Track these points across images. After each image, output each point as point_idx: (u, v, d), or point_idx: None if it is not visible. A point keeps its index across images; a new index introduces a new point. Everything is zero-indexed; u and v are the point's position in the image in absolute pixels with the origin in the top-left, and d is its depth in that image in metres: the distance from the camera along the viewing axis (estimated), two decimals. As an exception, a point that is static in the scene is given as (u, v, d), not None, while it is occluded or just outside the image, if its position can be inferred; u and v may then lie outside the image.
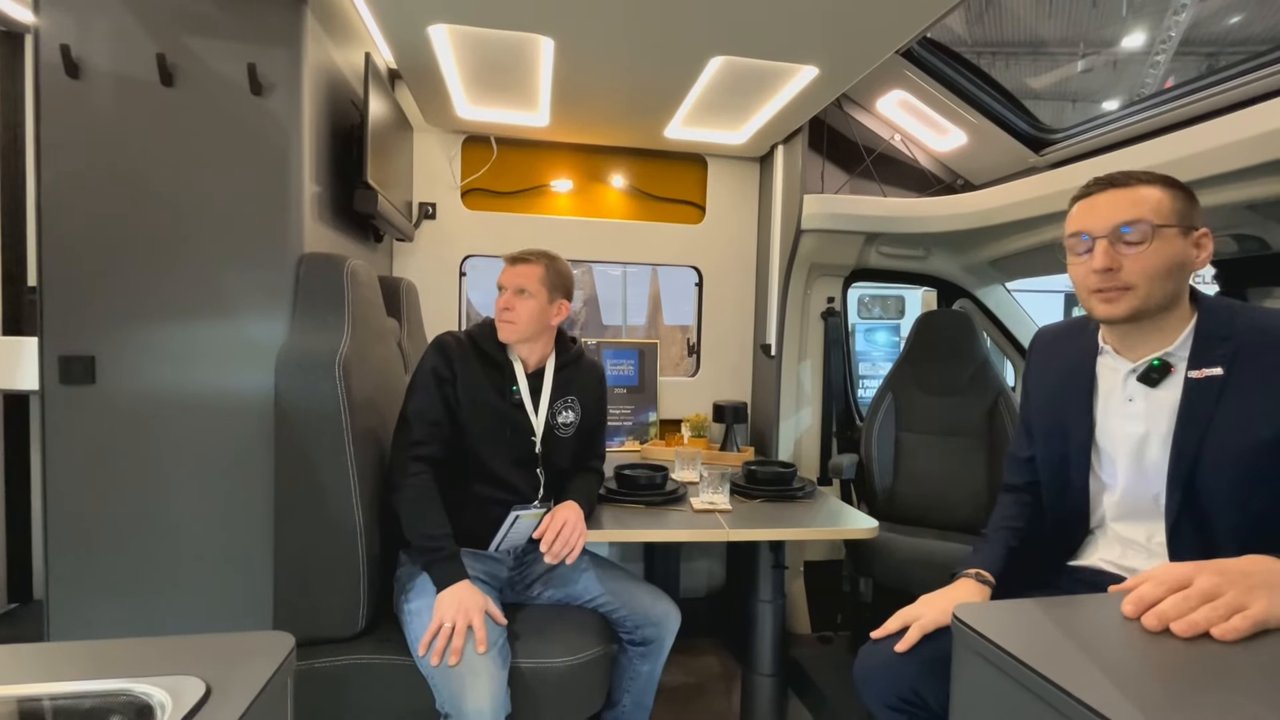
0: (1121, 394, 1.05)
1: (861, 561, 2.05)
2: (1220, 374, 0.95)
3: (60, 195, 1.33)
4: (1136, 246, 0.96)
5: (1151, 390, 1.01)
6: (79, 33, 1.32)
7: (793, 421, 2.44)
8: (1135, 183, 0.98)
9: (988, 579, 1.08)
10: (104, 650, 0.64)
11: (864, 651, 1.09)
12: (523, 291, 1.44)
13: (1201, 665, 0.58)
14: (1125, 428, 1.04)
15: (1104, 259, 0.97)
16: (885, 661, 1.04)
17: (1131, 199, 0.97)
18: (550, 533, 1.37)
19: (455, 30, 1.54)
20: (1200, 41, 8.20)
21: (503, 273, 1.48)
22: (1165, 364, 1.00)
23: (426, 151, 2.30)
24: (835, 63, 1.63)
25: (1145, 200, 0.96)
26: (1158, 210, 0.95)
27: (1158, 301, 0.98)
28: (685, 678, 2.18)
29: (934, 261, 2.48)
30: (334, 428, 1.29)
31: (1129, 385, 1.04)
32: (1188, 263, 0.97)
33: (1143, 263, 0.95)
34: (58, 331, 1.34)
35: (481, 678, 1.18)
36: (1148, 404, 1.02)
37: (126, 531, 1.38)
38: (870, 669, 1.06)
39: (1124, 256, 0.96)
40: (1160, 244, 0.95)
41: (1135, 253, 0.96)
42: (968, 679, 0.67)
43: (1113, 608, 0.68)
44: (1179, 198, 0.97)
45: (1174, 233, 0.95)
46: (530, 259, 1.47)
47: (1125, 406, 1.05)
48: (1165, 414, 1.00)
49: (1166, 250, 0.95)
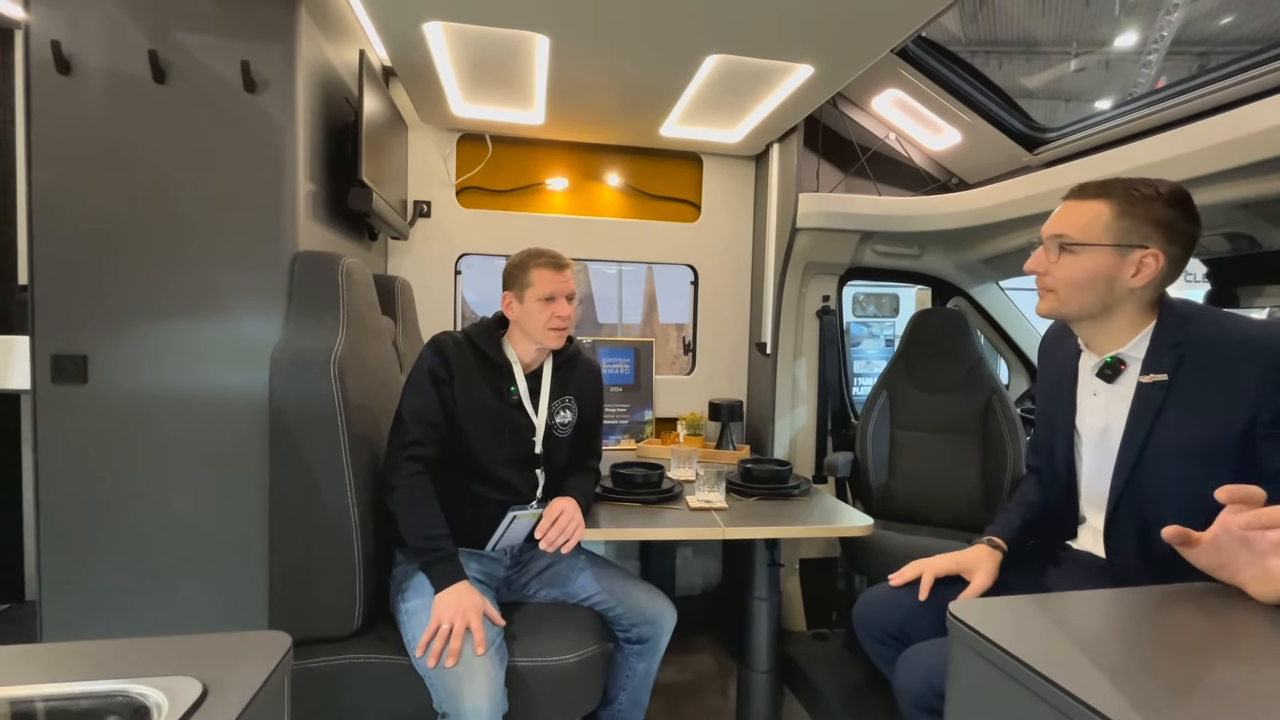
0: (1089, 387, 1.13)
1: (857, 559, 2.05)
2: (1165, 379, 1.01)
3: (51, 193, 1.32)
4: (1062, 256, 1.06)
5: (1109, 385, 1.09)
6: (70, 28, 1.31)
7: (788, 419, 2.44)
8: (1091, 195, 1.06)
9: (999, 545, 1.18)
10: (99, 651, 0.64)
11: (864, 595, 1.27)
12: (571, 297, 1.44)
13: (1198, 661, 0.59)
14: (1091, 419, 1.13)
15: (1031, 262, 1.10)
16: (878, 602, 1.22)
17: (1073, 212, 1.06)
18: (546, 521, 1.37)
19: (450, 27, 1.53)
20: (1192, 41, 8.25)
21: (548, 279, 1.42)
22: (1117, 361, 1.07)
23: (421, 149, 2.29)
24: (830, 62, 1.63)
25: (1082, 215, 1.04)
26: (1087, 228, 1.03)
27: (1078, 307, 1.06)
28: (681, 675, 2.19)
29: (928, 260, 2.49)
30: (329, 426, 1.29)
31: (1092, 380, 1.12)
32: (1116, 278, 1.03)
33: (1063, 272, 1.06)
34: (50, 330, 1.33)
35: (479, 676, 1.18)
36: (1107, 398, 1.10)
37: (120, 531, 1.37)
38: (866, 607, 1.24)
39: (1052, 263, 1.07)
40: (1079, 258, 1.04)
41: (1060, 261, 1.06)
42: (964, 676, 0.67)
43: (1108, 604, 0.69)
44: (1125, 216, 1.01)
45: (1099, 250, 1.02)
46: (570, 263, 1.47)
47: (1090, 400, 1.13)
48: (1117, 411, 1.08)
49: (1088, 264, 1.03)
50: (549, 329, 1.43)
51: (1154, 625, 0.67)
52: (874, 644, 1.22)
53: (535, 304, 1.42)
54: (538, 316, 1.42)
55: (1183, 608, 0.71)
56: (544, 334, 1.43)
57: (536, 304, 1.42)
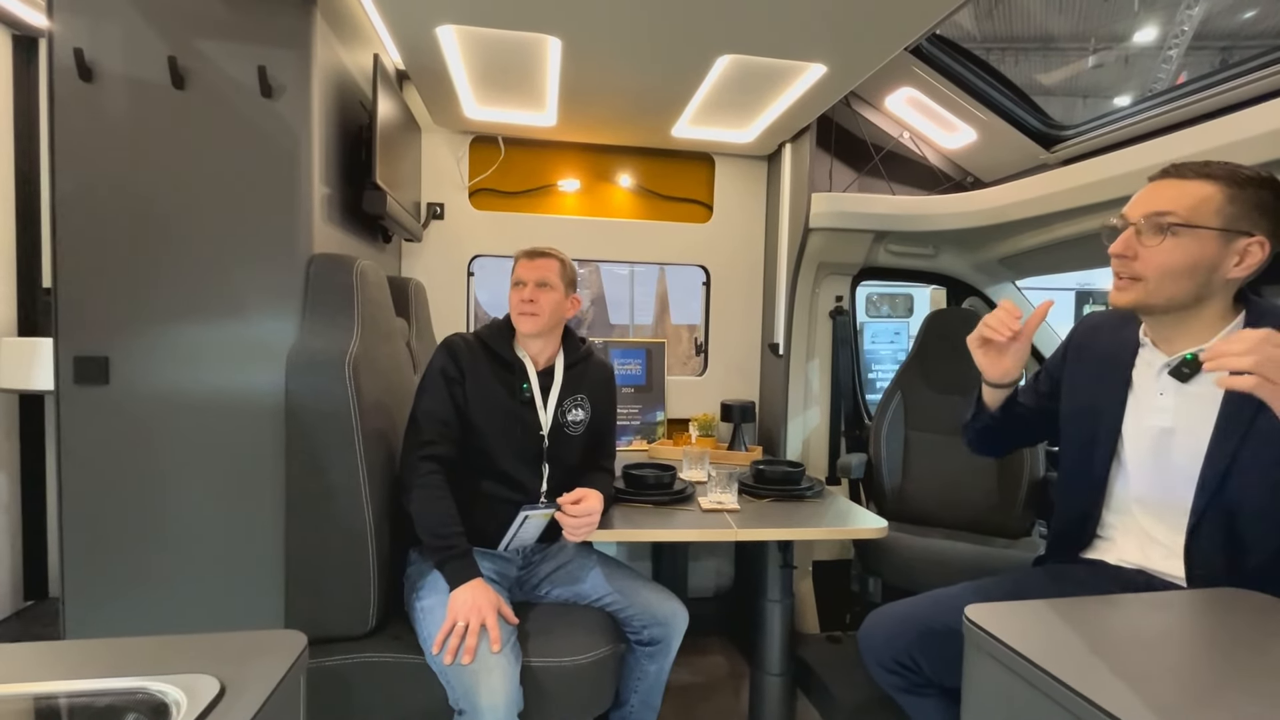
0: (1154, 387, 1.04)
1: (870, 561, 2.04)
2: None
3: (73, 197, 1.34)
4: (1156, 239, 0.94)
5: (1183, 386, 0.99)
6: (92, 36, 1.33)
7: (801, 420, 2.43)
8: (1194, 175, 0.95)
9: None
10: (120, 648, 0.65)
11: (869, 617, 1.17)
12: (544, 284, 1.47)
13: (1215, 667, 0.58)
14: (1151, 421, 1.04)
15: (1119, 244, 0.97)
16: (886, 627, 1.13)
17: (1176, 192, 0.95)
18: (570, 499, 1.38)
19: (463, 31, 1.54)
20: (1214, 36, 8.10)
21: (520, 267, 1.50)
22: (1197, 360, 0.97)
23: (434, 152, 2.31)
24: (843, 60, 1.62)
25: (1188, 195, 0.94)
26: (1195, 209, 0.93)
27: (1169, 298, 0.96)
28: (693, 677, 2.18)
29: (943, 260, 2.46)
30: (344, 427, 1.30)
31: (1161, 379, 1.03)
32: (1216, 267, 0.94)
33: (1161, 257, 0.94)
34: (72, 332, 1.35)
35: (495, 673, 1.19)
36: (1177, 399, 1.00)
37: (140, 530, 1.39)
38: (873, 632, 1.14)
39: (1143, 247, 0.95)
40: (1183, 242, 0.93)
41: (1153, 246, 0.95)
42: (979, 680, 0.67)
43: (1129, 609, 0.67)
44: (1236, 200, 0.93)
45: (1207, 234, 0.92)
46: (549, 253, 1.52)
47: (1155, 400, 1.03)
48: (1194, 413, 0.98)
49: (1189, 250, 0.93)
50: (518, 313, 1.48)
51: (1178, 630, 0.65)
52: (884, 674, 1.13)
53: (511, 291, 1.50)
54: (511, 301, 1.49)
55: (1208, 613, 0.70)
56: (516, 318, 1.49)
57: (512, 291, 1.49)
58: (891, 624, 1.13)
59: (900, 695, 1.13)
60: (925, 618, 1.08)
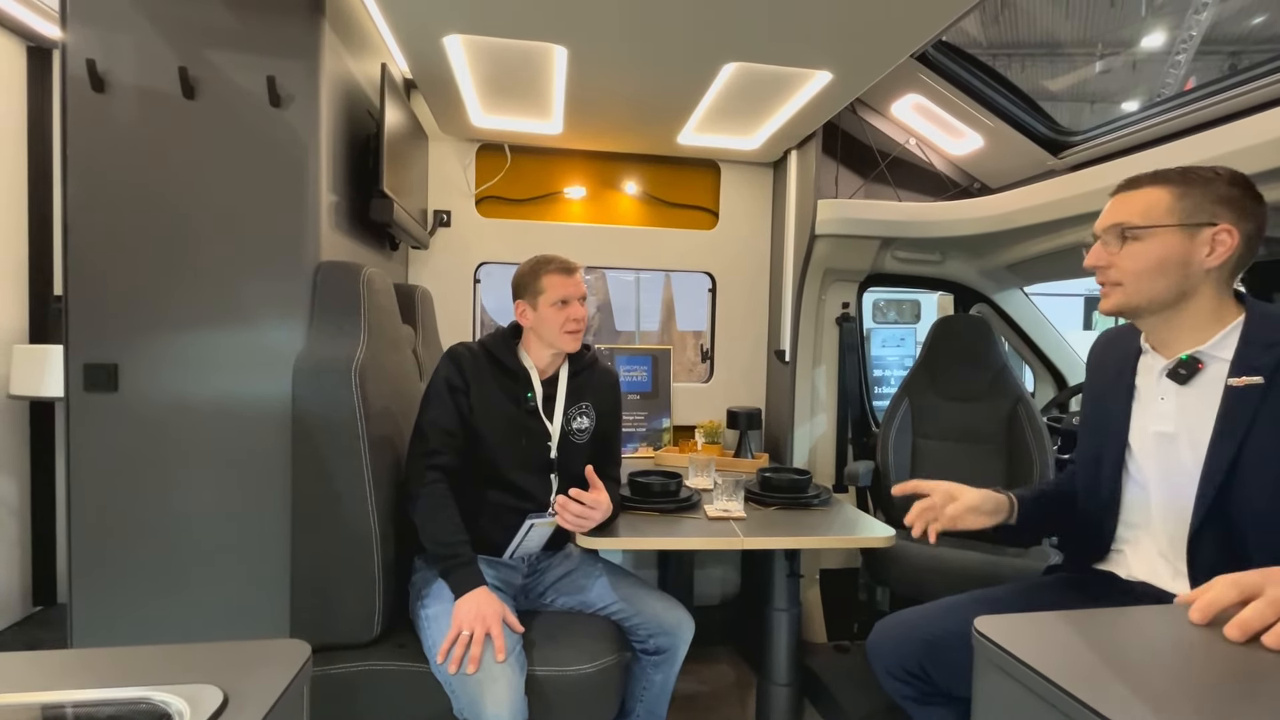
0: (1156, 392, 1.05)
1: (878, 570, 2.02)
2: (1261, 383, 0.92)
3: (85, 206, 1.36)
4: (1125, 245, 1.00)
5: (1182, 389, 1.00)
6: (104, 47, 1.35)
7: (807, 428, 2.42)
8: (1143, 184, 1.01)
9: (1010, 499, 1.16)
10: (124, 658, 0.65)
11: (878, 626, 1.18)
12: (584, 299, 1.47)
13: (1232, 682, 0.56)
14: (1155, 427, 1.04)
15: (1090, 258, 1.04)
16: (895, 636, 1.13)
17: (1128, 201, 1.01)
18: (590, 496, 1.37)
19: (470, 40, 1.55)
20: (1222, 41, 8.06)
21: (560, 284, 1.45)
22: (1194, 360, 0.99)
23: (441, 160, 2.32)
24: (849, 67, 1.62)
25: (1139, 201, 0.99)
26: (1146, 212, 0.98)
27: (1150, 298, 1.00)
28: (699, 686, 2.17)
29: (950, 266, 2.45)
30: (350, 434, 1.30)
31: (1161, 383, 1.03)
32: (1188, 260, 0.96)
33: (1129, 262, 0.99)
34: (82, 340, 1.37)
35: (500, 683, 1.18)
36: (1178, 403, 1.01)
37: (147, 536, 1.40)
38: (881, 641, 1.15)
39: (1114, 255, 1.01)
40: (1148, 244, 0.98)
41: (1123, 251, 1.00)
42: (990, 694, 0.66)
43: (1139, 621, 0.66)
44: (1186, 195, 0.97)
45: (1164, 231, 0.97)
46: (578, 266, 1.50)
47: (1157, 405, 1.04)
48: (1195, 417, 0.98)
49: (1151, 249, 0.98)
50: (565, 332, 1.45)
51: (1196, 645, 0.64)
52: (893, 682, 1.13)
53: (550, 309, 1.44)
54: (553, 321, 1.44)
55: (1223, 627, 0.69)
56: (560, 337, 1.45)
57: (551, 309, 1.44)
58: (900, 633, 1.13)
59: (909, 705, 1.13)
60: (934, 626, 1.08)
